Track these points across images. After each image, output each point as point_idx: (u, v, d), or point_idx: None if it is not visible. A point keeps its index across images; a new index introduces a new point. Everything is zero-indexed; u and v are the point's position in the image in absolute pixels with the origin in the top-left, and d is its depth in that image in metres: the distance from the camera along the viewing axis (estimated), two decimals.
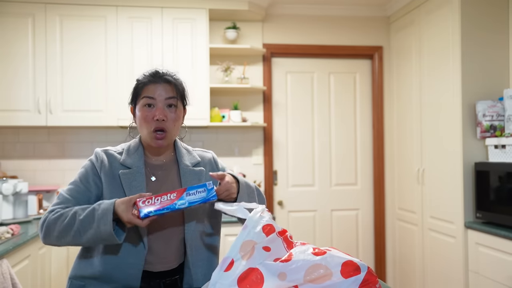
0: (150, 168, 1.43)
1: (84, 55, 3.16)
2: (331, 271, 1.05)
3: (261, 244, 1.11)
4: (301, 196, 3.78)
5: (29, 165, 3.39)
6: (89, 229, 1.25)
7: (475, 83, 2.82)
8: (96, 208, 1.27)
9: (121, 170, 1.38)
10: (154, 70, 1.42)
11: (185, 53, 3.26)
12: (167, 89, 1.39)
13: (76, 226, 1.27)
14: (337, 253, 1.10)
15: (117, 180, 1.37)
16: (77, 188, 1.37)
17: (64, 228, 1.28)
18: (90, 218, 1.26)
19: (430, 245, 3.16)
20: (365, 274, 1.05)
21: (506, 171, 2.52)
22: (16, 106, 3.08)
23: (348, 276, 1.04)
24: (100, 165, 1.39)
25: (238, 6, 3.35)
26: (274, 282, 1.05)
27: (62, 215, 1.30)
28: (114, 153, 1.43)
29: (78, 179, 1.39)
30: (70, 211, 1.30)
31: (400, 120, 3.63)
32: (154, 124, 1.36)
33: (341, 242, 3.81)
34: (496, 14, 2.85)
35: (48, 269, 2.81)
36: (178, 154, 1.48)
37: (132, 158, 1.41)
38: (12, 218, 2.87)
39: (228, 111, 3.47)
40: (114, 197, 1.34)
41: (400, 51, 3.64)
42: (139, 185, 1.37)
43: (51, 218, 1.30)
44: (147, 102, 1.37)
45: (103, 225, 1.23)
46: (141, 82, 1.40)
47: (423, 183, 3.25)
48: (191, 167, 1.47)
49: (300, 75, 3.81)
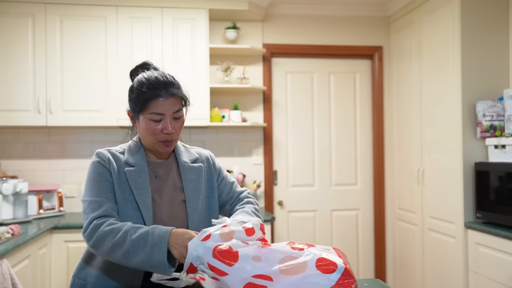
0: (152, 167, 1.45)
1: (84, 55, 3.16)
2: (306, 264, 1.04)
3: (240, 235, 1.14)
4: (301, 196, 3.78)
5: (29, 165, 3.39)
6: (140, 253, 1.21)
7: (475, 83, 2.82)
8: (150, 232, 1.22)
9: (126, 168, 1.39)
10: (154, 78, 1.34)
11: (185, 53, 3.26)
12: (174, 103, 1.36)
13: (127, 246, 1.22)
14: (316, 249, 1.10)
15: (123, 177, 1.38)
16: (101, 189, 1.34)
17: (114, 244, 1.23)
18: (143, 241, 1.21)
19: (430, 245, 3.16)
20: (341, 274, 1.03)
21: (506, 171, 2.52)
22: (16, 106, 3.08)
23: (324, 272, 1.03)
24: (108, 162, 1.38)
25: (238, 6, 3.35)
26: (248, 262, 1.07)
27: (114, 230, 1.25)
28: (116, 152, 1.44)
29: (96, 182, 1.35)
30: (122, 226, 1.25)
31: (400, 120, 3.63)
32: (163, 136, 1.36)
33: (341, 242, 3.81)
34: (496, 14, 2.85)
35: (48, 269, 2.81)
36: (177, 152, 1.50)
37: (134, 158, 1.42)
38: (12, 218, 2.87)
39: (228, 111, 3.47)
40: (120, 195, 1.35)
41: (400, 51, 3.64)
42: (144, 182, 1.38)
43: (103, 231, 1.25)
44: (155, 118, 1.34)
45: (157, 253, 1.19)
46: (146, 96, 1.33)
47: (423, 183, 3.25)
48: (190, 163, 1.49)
49: (300, 75, 3.81)
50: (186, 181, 1.44)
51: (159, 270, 1.19)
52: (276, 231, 3.72)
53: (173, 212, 1.41)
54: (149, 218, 1.35)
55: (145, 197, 1.36)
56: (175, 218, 1.40)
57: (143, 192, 1.36)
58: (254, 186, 3.53)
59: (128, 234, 1.23)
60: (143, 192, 1.36)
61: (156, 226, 1.25)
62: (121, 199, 1.36)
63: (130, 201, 1.36)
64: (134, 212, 1.35)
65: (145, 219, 1.34)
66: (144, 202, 1.36)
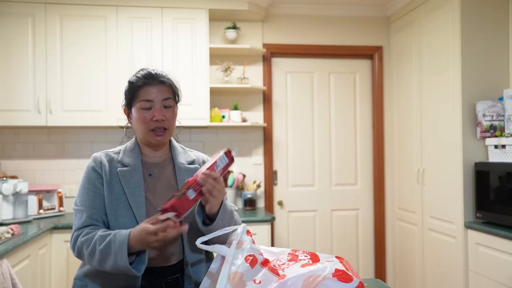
0: (147, 166, 1.46)
1: (84, 55, 3.16)
2: (325, 276, 1.06)
3: (249, 277, 1.10)
4: (301, 196, 3.78)
5: (29, 165, 3.39)
6: (108, 260, 1.27)
7: (475, 83, 2.82)
8: (112, 239, 1.27)
9: (119, 168, 1.41)
10: (146, 72, 1.43)
11: (185, 53, 3.26)
12: (163, 90, 1.41)
13: (97, 256, 1.29)
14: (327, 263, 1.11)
15: (116, 178, 1.40)
16: (88, 196, 1.39)
17: (89, 255, 1.31)
18: (108, 250, 1.27)
19: (430, 245, 3.16)
20: (357, 285, 1.05)
21: (506, 171, 2.52)
22: (16, 106, 3.08)
23: (342, 280, 1.04)
24: (100, 166, 1.42)
25: (238, 6, 3.35)
26: None
27: (86, 241, 1.32)
28: (112, 153, 1.46)
29: (85, 189, 1.40)
30: (93, 237, 1.31)
31: (400, 120, 3.63)
32: (153, 124, 1.40)
33: (341, 242, 3.81)
34: (496, 14, 2.85)
35: (48, 269, 2.81)
36: (174, 153, 1.51)
37: (129, 157, 1.44)
38: (12, 218, 2.87)
39: (228, 111, 3.47)
40: (112, 195, 1.37)
41: (400, 51, 3.64)
42: (137, 181, 1.40)
43: (80, 242, 1.33)
44: (144, 105, 1.40)
45: (120, 259, 1.25)
46: (136, 85, 1.42)
47: (423, 183, 3.25)
48: (186, 165, 1.49)
49: (300, 75, 3.81)
50: (181, 182, 1.44)
51: (128, 273, 1.26)
52: (276, 231, 3.72)
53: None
54: (142, 217, 1.36)
55: (137, 196, 1.38)
56: None
57: (136, 192, 1.38)
58: (254, 186, 3.53)
59: (97, 244, 1.30)
60: (136, 192, 1.38)
61: (118, 232, 1.29)
62: (113, 199, 1.38)
63: (122, 200, 1.37)
64: (127, 212, 1.37)
65: (137, 218, 1.35)
66: (136, 201, 1.37)
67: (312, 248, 3.75)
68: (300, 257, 1.16)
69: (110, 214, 1.38)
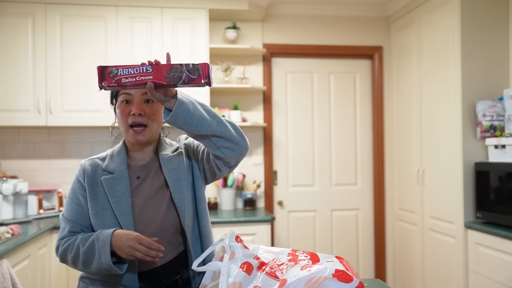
0: (134, 170, 1.42)
1: (84, 55, 3.15)
2: (325, 276, 1.05)
3: (248, 284, 1.09)
4: (301, 196, 3.78)
5: (29, 165, 3.39)
6: (93, 260, 1.28)
7: (475, 83, 2.82)
8: (95, 239, 1.29)
9: (103, 176, 1.38)
10: None
11: (185, 53, 3.26)
12: None
13: (82, 258, 1.30)
14: (326, 264, 1.10)
15: (101, 187, 1.37)
16: (71, 207, 1.39)
17: (73, 259, 1.33)
18: (91, 249, 1.28)
19: (430, 245, 3.16)
20: (357, 285, 1.05)
21: (506, 171, 2.52)
22: (16, 106, 3.08)
23: (342, 280, 1.04)
24: (84, 176, 1.39)
25: (238, 6, 3.35)
26: None
27: (69, 246, 1.34)
28: (98, 160, 1.43)
29: (70, 199, 1.41)
30: (75, 241, 1.33)
31: (400, 120, 3.63)
32: (131, 119, 1.35)
33: (341, 242, 3.81)
34: (496, 14, 2.85)
35: (48, 269, 2.81)
36: (159, 148, 1.46)
37: (115, 163, 1.40)
38: (12, 218, 2.87)
39: (228, 111, 3.47)
40: (97, 205, 1.35)
41: (400, 51, 3.64)
42: (123, 189, 1.36)
43: (62, 249, 1.35)
44: (124, 98, 1.37)
45: (103, 257, 1.26)
46: None
47: (423, 183, 3.25)
48: (170, 154, 1.44)
49: (300, 75, 3.81)
50: (168, 171, 1.40)
51: (111, 271, 1.27)
52: (276, 231, 3.72)
53: (161, 210, 1.38)
54: (129, 225, 1.33)
55: (122, 204, 1.34)
56: (166, 216, 1.38)
57: (121, 199, 1.34)
58: (254, 186, 3.53)
59: (80, 246, 1.31)
60: (121, 199, 1.34)
61: (100, 232, 1.30)
62: (99, 209, 1.35)
63: (108, 210, 1.35)
64: (113, 221, 1.34)
65: (123, 227, 1.32)
66: (122, 210, 1.33)
67: (312, 248, 3.75)
68: (300, 257, 1.16)
69: (96, 225, 1.35)
